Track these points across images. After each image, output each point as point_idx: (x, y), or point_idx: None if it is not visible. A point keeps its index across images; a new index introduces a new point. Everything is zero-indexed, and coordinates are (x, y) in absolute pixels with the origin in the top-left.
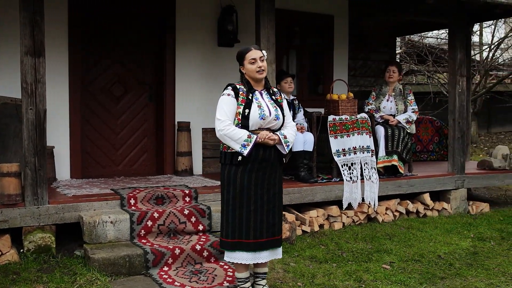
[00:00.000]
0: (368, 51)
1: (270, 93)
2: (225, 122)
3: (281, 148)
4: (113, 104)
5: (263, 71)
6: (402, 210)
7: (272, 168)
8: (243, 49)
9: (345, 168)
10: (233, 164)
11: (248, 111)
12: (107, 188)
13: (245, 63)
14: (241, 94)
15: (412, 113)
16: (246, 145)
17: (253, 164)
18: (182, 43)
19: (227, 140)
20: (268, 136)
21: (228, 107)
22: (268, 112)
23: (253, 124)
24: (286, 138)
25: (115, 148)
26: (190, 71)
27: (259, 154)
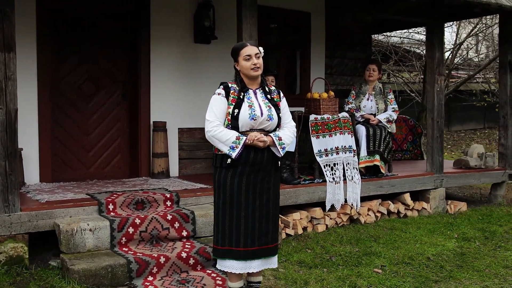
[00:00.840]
0: (344, 49)
1: (265, 91)
2: (214, 123)
3: (276, 151)
4: (84, 103)
5: (258, 68)
6: (383, 211)
7: (266, 171)
8: (238, 45)
9: (327, 169)
10: (223, 167)
11: (238, 111)
12: (81, 193)
13: (239, 59)
14: (232, 93)
15: (392, 112)
16: (234, 147)
17: (244, 167)
18: (157, 39)
19: (215, 142)
20: (257, 138)
21: (217, 107)
22: (260, 112)
23: (243, 125)
24: (281, 139)
25: (86, 149)
26: (166, 68)
27: (250, 156)
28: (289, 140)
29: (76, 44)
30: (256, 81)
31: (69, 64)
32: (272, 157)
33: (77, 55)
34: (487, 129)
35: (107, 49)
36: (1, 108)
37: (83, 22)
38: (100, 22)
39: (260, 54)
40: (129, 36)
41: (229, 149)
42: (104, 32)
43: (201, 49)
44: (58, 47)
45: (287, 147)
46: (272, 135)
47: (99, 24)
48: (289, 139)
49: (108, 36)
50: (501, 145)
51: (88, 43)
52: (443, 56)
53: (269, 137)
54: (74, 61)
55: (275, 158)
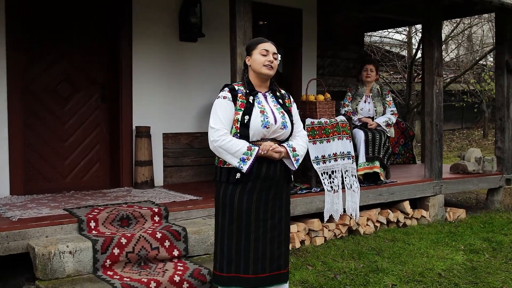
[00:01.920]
0: (336, 48)
1: (276, 96)
2: (220, 131)
3: (289, 163)
4: (59, 106)
5: (272, 68)
6: (382, 220)
7: (278, 187)
8: (259, 39)
9: (325, 177)
10: (230, 182)
11: (248, 118)
12: (58, 208)
13: (254, 52)
14: (239, 96)
15: (391, 115)
16: (245, 160)
17: (255, 183)
18: (139, 36)
19: (222, 154)
20: (272, 148)
21: (223, 113)
22: (273, 119)
23: (255, 133)
24: (295, 150)
25: (62, 157)
26: (149, 68)
27: (262, 170)
28: (303, 151)
29: (50, 43)
30: (265, 84)
31: (42, 63)
32: (285, 171)
33: (51, 54)
34: (465, 129)
35: (84, 48)
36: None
37: (58, 18)
38: (76, 18)
39: (278, 57)
40: (109, 33)
41: (239, 161)
42: (81, 29)
43: (187, 47)
44: (30, 45)
45: (301, 159)
46: (286, 146)
47: (75, 20)
48: (303, 149)
49: (86, 33)
50: (498, 149)
51: (64, 41)
52: (442, 56)
53: (282, 148)
54: (48, 61)
55: (287, 172)
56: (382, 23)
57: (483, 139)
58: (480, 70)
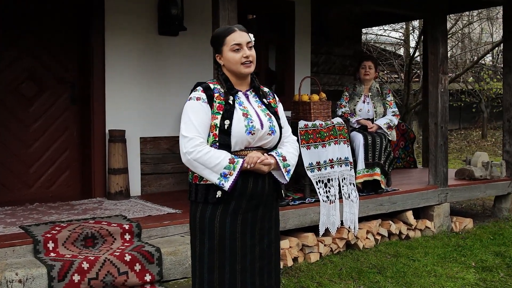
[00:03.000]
0: (331, 44)
1: (259, 94)
2: (194, 141)
3: (279, 176)
4: (23, 108)
5: (251, 63)
6: (384, 233)
7: (267, 205)
8: (223, 30)
9: (320, 186)
10: (208, 202)
11: (229, 123)
12: (15, 224)
13: (224, 49)
14: (216, 97)
15: (393, 116)
16: (227, 175)
17: (239, 202)
18: (113, 30)
19: (198, 168)
20: (260, 160)
21: (197, 118)
22: (259, 123)
23: (237, 141)
24: (286, 160)
25: (27, 165)
26: (124, 65)
27: (248, 186)
28: (294, 160)
29: (13, 37)
30: (245, 81)
31: (3, 59)
32: (274, 185)
33: (14, 49)
34: (463, 130)
35: (51, 42)
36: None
37: (20, 9)
38: (41, 9)
39: (252, 43)
40: (79, 26)
41: (220, 177)
42: (47, 21)
43: (167, 42)
44: None
45: (292, 170)
46: (275, 155)
47: (40, 11)
48: (294, 158)
49: (53, 25)
50: (506, 152)
51: (29, 35)
52: (447, 52)
53: (271, 157)
54: (9, 57)
55: (277, 186)
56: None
57: (482, 140)
58: (479, 69)
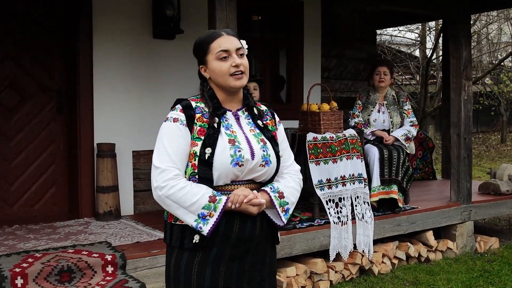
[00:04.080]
0: (342, 47)
1: (253, 114)
2: (167, 173)
3: (275, 216)
4: (4, 119)
5: (242, 74)
6: (401, 256)
7: (258, 253)
8: (206, 35)
9: (331, 205)
10: (184, 248)
11: (211, 151)
12: None
13: (209, 59)
14: (198, 118)
15: (411, 127)
16: (206, 216)
17: (222, 249)
18: (102, 33)
19: (171, 207)
20: (247, 199)
21: (172, 144)
22: (250, 151)
23: (221, 175)
24: (284, 197)
25: (8, 181)
26: (114, 72)
27: (233, 230)
28: (295, 197)
29: None
30: (237, 97)
31: None
32: (268, 228)
33: None
34: (481, 133)
35: (34, 47)
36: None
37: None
38: (23, 10)
39: (244, 51)
40: (64, 29)
41: (198, 219)
42: (29, 23)
43: (163, 46)
44: None
45: (292, 209)
46: (269, 191)
47: (21, 12)
48: (294, 195)
49: (36, 29)
50: None
51: (9, 40)
52: (471, 55)
53: (264, 194)
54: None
55: (272, 229)
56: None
57: (501, 145)
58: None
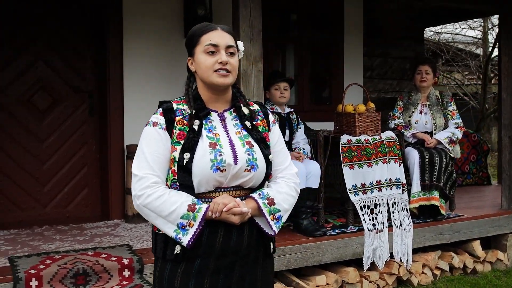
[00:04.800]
0: (387, 45)
1: (241, 115)
2: (144, 181)
3: (265, 225)
4: (36, 121)
5: (229, 73)
6: (444, 267)
7: (247, 265)
8: (200, 26)
9: (365, 211)
10: (167, 259)
11: (190, 156)
12: (6, 254)
13: (196, 51)
14: (178, 121)
15: (456, 129)
16: (185, 226)
17: (206, 260)
18: (132, 34)
19: (150, 217)
20: (227, 208)
21: (151, 150)
22: (232, 155)
23: (201, 181)
24: (274, 204)
25: (41, 182)
26: (144, 73)
27: (217, 241)
28: (288, 203)
29: (22, 43)
30: (223, 97)
31: (13, 69)
32: (258, 238)
33: (24, 58)
34: None
35: (66, 49)
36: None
37: (32, 14)
38: (54, 13)
39: (235, 50)
40: (95, 31)
41: (177, 229)
42: (61, 27)
43: None
44: None
45: (285, 216)
46: (257, 197)
47: (51, 14)
48: (288, 200)
49: (67, 32)
50: None
51: (40, 41)
52: None
53: (250, 201)
54: (20, 66)
55: (263, 239)
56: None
57: None
58: None
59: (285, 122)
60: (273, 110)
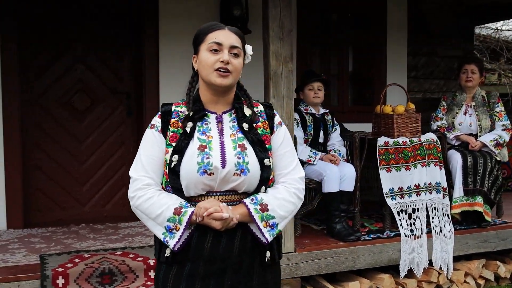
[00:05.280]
0: (434, 44)
1: (239, 116)
2: (137, 183)
3: (257, 231)
4: (75, 122)
5: (228, 73)
6: (489, 276)
7: (240, 272)
8: (208, 25)
9: (403, 216)
10: (161, 261)
11: (177, 159)
12: (39, 251)
13: (201, 49)
14: (172, 123)
15: (503, 131)
16: (172, 229)
17: (196, 265)
18: (168, 35)
19: (142, 218)
20: (208, 213)
21: (146, 152)
22: (220, 158)
23: (189, 184)
24: (268, 210)
25: (80, 182)
26: (180, 75)
27: (205, 246)
28: (285, 210)
29: (62, 45)
30: (224, 98)
31: (53, 72)
32: (253, 245)
33: (64, 60)
34: None
35: (103, 51)
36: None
37: (71, 17)
38: (93, 16)
39: (240, 52)
40: (132, 32)
41: (165, 232)
42: (99, 29)
43: None
44: (36, 49)
45: (282, 224)
46: (248, 203)
47: (89, 17)
48: (285, 207)
49: (104, 33)
50: None
51: (79, 44)
52: None
53: (241, 207)
54: (60, 68)
55: (258, 246)
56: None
57: None
58: None
59: (320, 124)
60: (306, 111)
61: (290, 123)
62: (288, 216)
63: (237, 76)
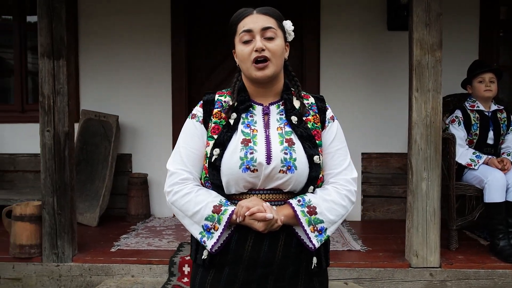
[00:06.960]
0: None
1: (288, 108)
2: (174, 177)
3: (304, 236)
4: None
5: (267, 62)
6: None
7: (283, 279)
8: (237, 13)
9: None
10: (198, 264)
11: (218, 153)
12: (183, 239)
13: (236, 42)
14: (215, 114)
15: None
16: (210, 229)
17: (234, 270)
18: (329, 29)
19: (178, 216)
20: (250, 213)
21: (186, 144)
22: (265, 154)
23: (230, 181)
24: (316, 213)
25: None
26: (341, 70)
27: (245, 249)
28: (335, 214)
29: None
30: (271, 89)
31: (223, 69)
32: (297, 251)
33: (228, 62)
34: None
35: None
36: (49, 131)
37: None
38: None
39: (275, 32)
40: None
41: (203, 231)
42: None
43: (397, 38)
44: (207, 46)
45: (331, 229)
46: (295, 204)
47: None
48: (335, 211)
49: None
50: None
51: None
52: None
53: (286, 208)
54: (226, 69)
55: (303, 252)
56: None
57: None
58: None
59: (489, 122)
60: (473, 108)
61: (437, 120)
62: (338, 220)
63: (279, 62)
